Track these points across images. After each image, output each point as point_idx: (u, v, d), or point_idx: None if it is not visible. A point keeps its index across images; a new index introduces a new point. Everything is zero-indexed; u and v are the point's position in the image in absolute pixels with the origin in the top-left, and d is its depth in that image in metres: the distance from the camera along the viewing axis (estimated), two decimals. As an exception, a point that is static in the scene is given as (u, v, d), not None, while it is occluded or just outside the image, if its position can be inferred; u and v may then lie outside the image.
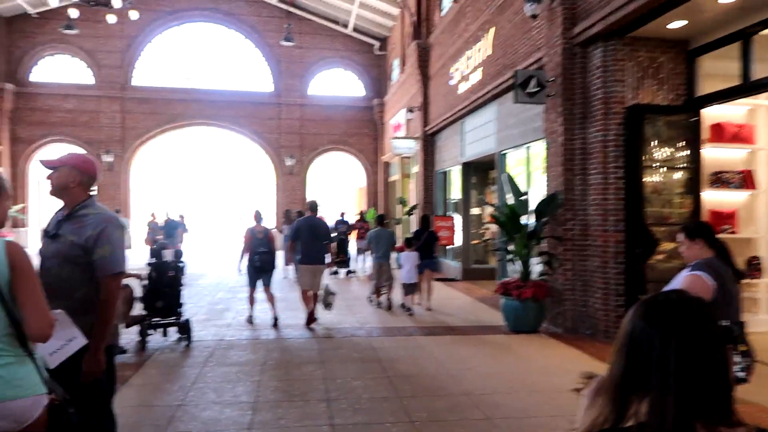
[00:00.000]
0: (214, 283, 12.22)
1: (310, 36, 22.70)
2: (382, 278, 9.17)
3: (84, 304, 2.60)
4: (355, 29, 22.32)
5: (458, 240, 13.19)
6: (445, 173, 14.93)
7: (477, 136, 12.17)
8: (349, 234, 14.42)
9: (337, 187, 32.75)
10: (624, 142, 6.89)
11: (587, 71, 7.25)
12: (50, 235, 2.71)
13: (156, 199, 25.59)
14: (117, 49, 21.45)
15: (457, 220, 13.34)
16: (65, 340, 2.22)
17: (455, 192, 14.36)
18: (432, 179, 15.52)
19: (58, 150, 21.86)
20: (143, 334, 6.42)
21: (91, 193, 2.83)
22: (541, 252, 7.83)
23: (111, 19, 14.12)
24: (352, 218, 16.18)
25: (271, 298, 7.99)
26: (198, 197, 36.29)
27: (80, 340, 2.27)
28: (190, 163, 30.33)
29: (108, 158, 21.05)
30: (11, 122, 20.60)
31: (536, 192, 9.16)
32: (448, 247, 13.90)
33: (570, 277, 7.44)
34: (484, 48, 11.05)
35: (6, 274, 1.98)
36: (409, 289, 8.97)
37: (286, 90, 22.61)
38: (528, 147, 9.60)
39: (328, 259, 8.11)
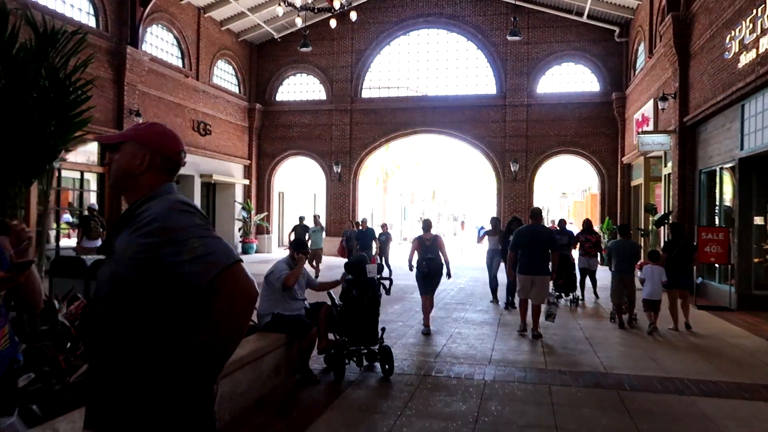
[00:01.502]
0: (430, 297, 11.21)
1: (539, 30, 20.82)
2: (623, 294, 8.37)
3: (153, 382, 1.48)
4: (591, 16, 19.77)
5: (732, 257, 10.19)
6: (711, 173, 11.85)
7: (766, 122, 9.18)
8: (573, 248, 11.23)
9: (565, 194, 30.09)
10: None
11: None
12: (103, 251, 1.67)
13: (378, 207, 26.07)
14: (347, 64, 22.26)
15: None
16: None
17: (726, 196, 11.26)
18: (692, 181, 12.50)
19: (295, 163, 23.57)
20: (338, 363, 5.47)
21: (170, 182, 1.72)
22: None
23: (332, 23, 14.23)
24: (575, 228, 13.32)
25: (431, 306, 7.92)
26: (418, 204, 36.60)
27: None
28: (411, 170, 30.56)
29: (337, 169, 21.91)
30: (258, 138, 22.73)
31: None
32: (716, 266, 10.93)
33: None
34: (780, 0, 8.19)
35: None
36: (651, 306, 8.10)
37: (512, 90, 21.04)
38: None
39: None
